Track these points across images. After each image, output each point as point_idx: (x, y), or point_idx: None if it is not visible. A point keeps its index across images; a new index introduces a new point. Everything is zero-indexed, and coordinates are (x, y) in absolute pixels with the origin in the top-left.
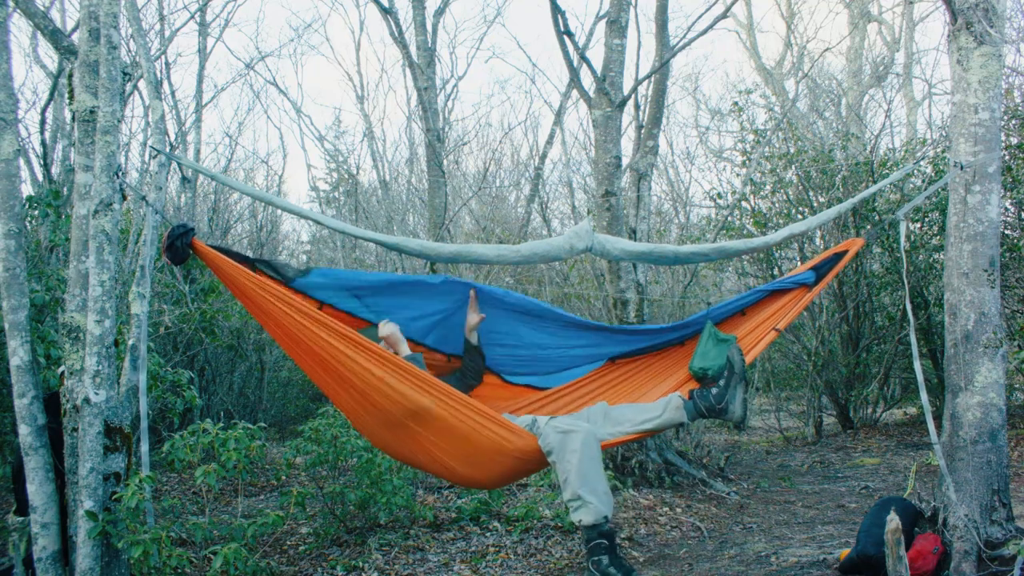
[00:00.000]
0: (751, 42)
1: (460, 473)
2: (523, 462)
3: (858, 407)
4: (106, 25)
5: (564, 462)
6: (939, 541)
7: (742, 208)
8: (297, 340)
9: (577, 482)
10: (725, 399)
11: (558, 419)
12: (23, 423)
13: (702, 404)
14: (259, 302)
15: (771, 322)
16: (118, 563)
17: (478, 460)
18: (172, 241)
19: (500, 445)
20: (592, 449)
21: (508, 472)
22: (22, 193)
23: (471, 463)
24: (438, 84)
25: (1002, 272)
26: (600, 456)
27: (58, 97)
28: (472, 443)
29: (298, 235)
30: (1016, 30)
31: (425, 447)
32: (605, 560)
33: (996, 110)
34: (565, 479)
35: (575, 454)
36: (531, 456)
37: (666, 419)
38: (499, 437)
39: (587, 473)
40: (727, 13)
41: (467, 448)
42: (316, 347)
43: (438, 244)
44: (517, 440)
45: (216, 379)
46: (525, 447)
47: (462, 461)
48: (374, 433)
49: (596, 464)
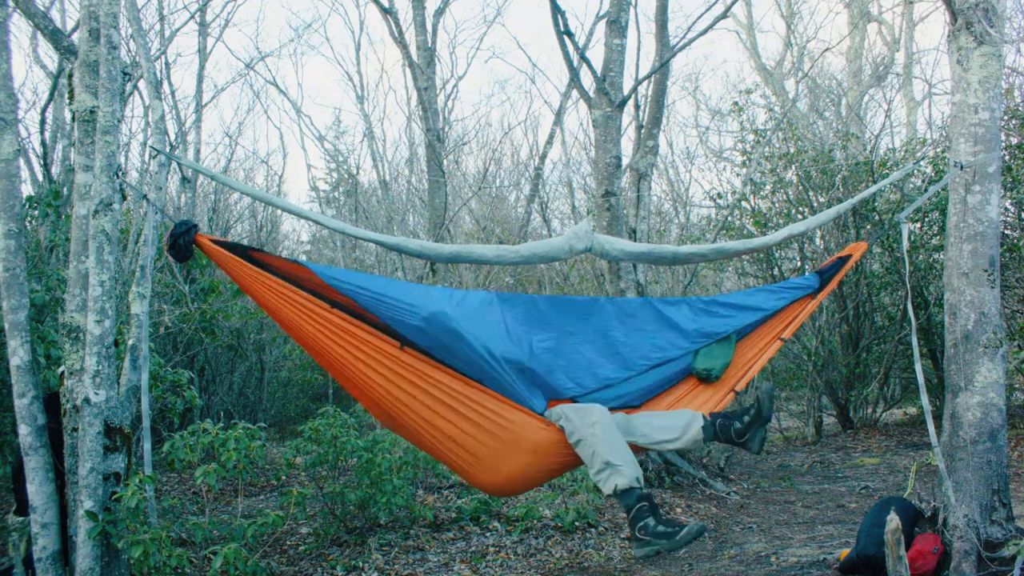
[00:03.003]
0: (751, 42)
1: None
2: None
3: (858, 407)
4: (106, 25)
5: (589, 436)
6: (939, 541)
7: (742, 208)
8: (306, 332)
9: (604, 450)
10: (746, 437)
11: (570, 406)
12: (23, 423)
13: (722, 435)
14: (264, 295)
15: (777, 332)
16: (118, 563)
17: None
18: (175, 239)
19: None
20: (611, 424)
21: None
22: (22, 193)
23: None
24: (438, 84)
25: (1002, 272)
26: (618, 431)
27: (58, 97)
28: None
29: (298, 235)
30: (1016, 30)
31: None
32: (651, 522)
33: (996, 110)
34: (592, 452)
35: (597, 426)
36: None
37: (684, 443)
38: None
39: (612, 442)
40: (727, 13)
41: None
42: (325, 342)
43: (438, 244)
44: (539, 435)
45: (216, 379)
46: (547, 439)
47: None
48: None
49: (618, 435)
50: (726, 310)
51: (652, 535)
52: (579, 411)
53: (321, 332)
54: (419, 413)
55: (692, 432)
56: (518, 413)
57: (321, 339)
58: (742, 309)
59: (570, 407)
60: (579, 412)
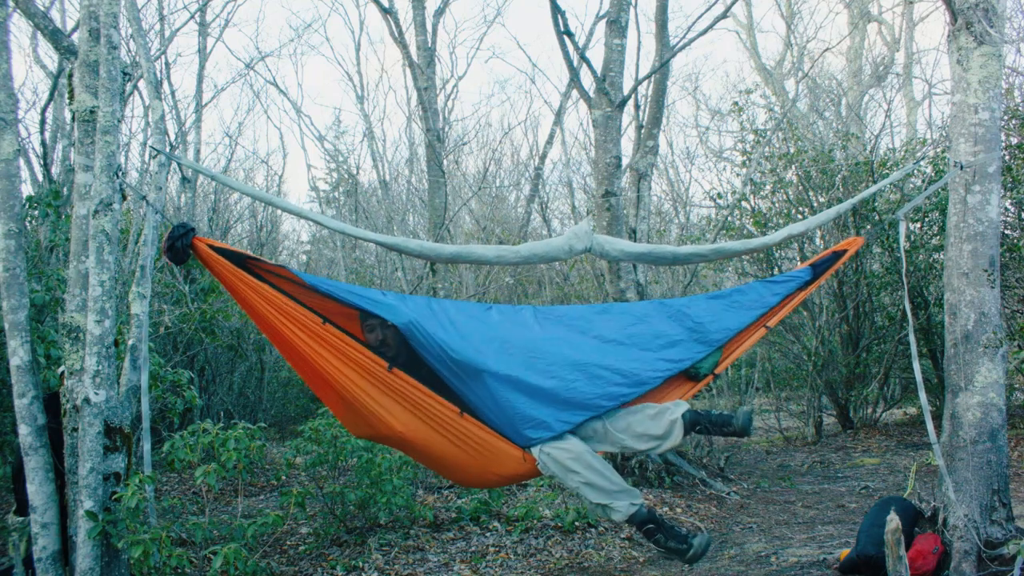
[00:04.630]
0: (751, 42)
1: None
2: (526, 478)
3: (858, 407)
4: (106, 25)
5: (571, 483)
6: (939, 541)
7: (742, 208)
8: (295, 348)
9: (592, 495)
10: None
11: (549, 445)
12: (23, 423)
13: (702, 432)
14: (256, 306)
15: (763, 321)
16: (118, 563)
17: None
18: (172, 241)
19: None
20: (590, 462)
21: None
22: (22, 193)
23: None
24: (438, 84)
25: (1002, 272)
26: (599, 459)
27: (58, 97)
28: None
29: (298, 235)
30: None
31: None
32: (662, 538)
33: (996, 110)
34: (580, 495)
35: (579, 473)
36: (535, 475)
37: (665, 449)
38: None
39: (595, 483)
40: (727, 13)
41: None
42: (313, 356)
43: (438, 244)
44: (518, 467)
45: (216, 379)
46: (527, 471)
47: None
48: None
49: (599, 472)
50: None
51: (667, 549)
52: (557, 461)
53: (310, 346)
54: (397, 430)
55: (672, 440)
56: (499, 443)
57: (309, 352)
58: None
59: (548, 454)
60: (557, 463)
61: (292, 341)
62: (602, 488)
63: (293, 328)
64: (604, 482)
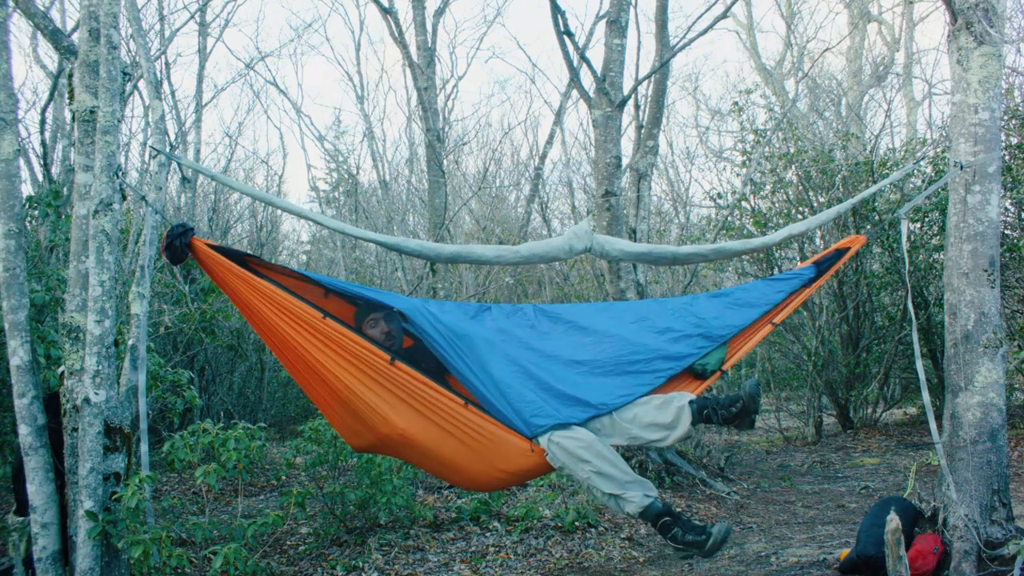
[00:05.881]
0: (751, 42)
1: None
2: (533, 474)
3: (858, 407)
4: (106, 25)
5: (581, 475)
6: (939, 541)
7: (742, 208)
8: (293, 348)
9: (604, 485)
10: (734, 424)
11: (558, 435)
12: (23, 423)
13: (710, 421)
14: (254, 305)
15: (769, 317)
16: (118, 563)
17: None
18: (171, 241)
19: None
20: (601, 451)
21: (511, 480)
22: (22, 193)
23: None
24: (438, 84)
25: (1002, 272)
26: (611, 449)
27: (58, 97)
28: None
29: (298, 235)
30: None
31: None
32: (679, 532)
33: (996, 110)
34: (590, 487)
35: (589, 461)
36: (542, 469)
37: (673, 441)
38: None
39: (607, 472)
40: (727, 13)
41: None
42: (312, 354)
43: (438, 244)
44: (525, 460)
45: (216, 379)
46: (534, 465)
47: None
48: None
49: (610, 461)
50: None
51: (683, 543)
52: (566, 450)
53: (309, 342)
54: (398, 428)
55: (681, 428)
56: (506, 435)
57: (309, 350)
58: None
59: (557, 443)
60: (567, 452)
61: (291, 340)
62: (615, 478)
63: (292, 325)
64: (616, 472)
